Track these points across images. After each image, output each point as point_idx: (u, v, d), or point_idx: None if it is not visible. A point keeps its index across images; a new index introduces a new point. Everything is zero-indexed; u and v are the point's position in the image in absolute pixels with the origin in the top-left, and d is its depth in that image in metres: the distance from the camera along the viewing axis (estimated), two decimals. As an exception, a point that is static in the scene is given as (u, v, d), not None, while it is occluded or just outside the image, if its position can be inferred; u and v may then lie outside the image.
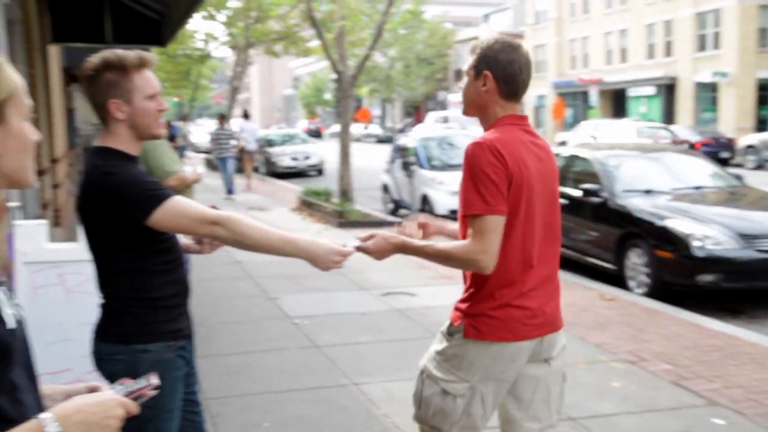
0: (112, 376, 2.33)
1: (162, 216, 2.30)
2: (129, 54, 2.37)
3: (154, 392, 1.55)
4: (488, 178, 2.39)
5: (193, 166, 5.52)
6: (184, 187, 5.18)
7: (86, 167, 2.44)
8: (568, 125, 39.30)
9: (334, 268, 2.44)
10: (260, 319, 6.78)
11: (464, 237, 2.51)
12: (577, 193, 8.80)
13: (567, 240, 8.95)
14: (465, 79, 2.60)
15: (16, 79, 1.39)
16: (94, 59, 2.37)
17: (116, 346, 2.42)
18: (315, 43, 25.37)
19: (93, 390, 1.56)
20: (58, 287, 3.74)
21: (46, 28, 9.08)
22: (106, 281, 2.45)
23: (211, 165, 22.69)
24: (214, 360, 5.59)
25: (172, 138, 18.74)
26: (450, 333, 2.60)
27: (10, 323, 1.35)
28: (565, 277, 8.43)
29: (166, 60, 28.94)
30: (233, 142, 17.44)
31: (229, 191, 16.73)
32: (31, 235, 3.70)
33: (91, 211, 2.37)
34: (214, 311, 7.02)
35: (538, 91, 48.65)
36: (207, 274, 8.55)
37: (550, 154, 2.64)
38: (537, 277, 2.55)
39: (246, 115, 20.99)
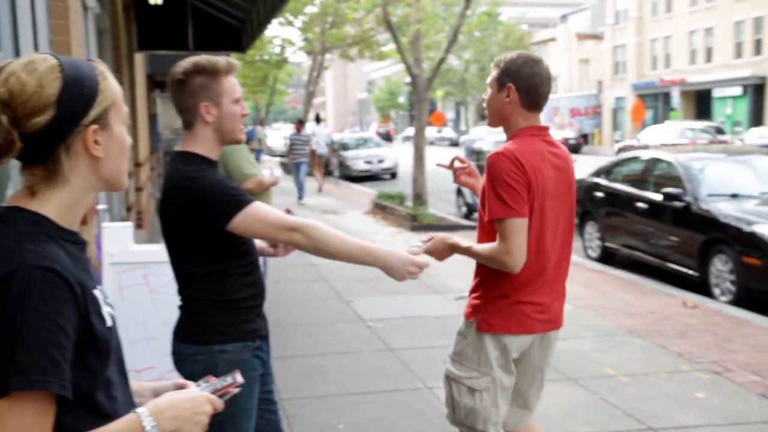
0: (190, 376, 2.35)
1: (242, 221, 2.33)
2: (219, 59, 2.43)
3: (238, 390, 1.58)
4: (509, 185, 2.60)
5: (270, 169, 5.61)
6: (262, 190, 5.28)
7: (169, 171, 2.49)
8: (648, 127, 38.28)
9: (409, 279, 2.44)
10: (334, 322, 6.84)
11: (480, 241, 2.79)
12: (657, 197, 8.56)
13: (646, 245, 8.72)
14: (489, 91, 2.79)
15: (116, 86, 1.45)
16: (186, 63, 2.42)
17: (195, 346, 2.47)
18: (390, 47, 25.50)
19: (180, 387, 1.60)
20: (143, 287, 3.86)
21: (132, 36, 9.42)
22: (185, 283, 2.50)
23: (286, 168, 23.18)
24: (289, 361, 5.67)
25: (247, 142, 19.04)
26: (465, 330, 2.84)
27: (108, 321, 1.40)
28: (645, 284, 8.21)
29: (244, 65, 29.56)
30: (308, 148, 17.64)
31: (300, 196, 17.05)
32: (118, 237, 3.83)
33: (172, 214, 2.42)
34: (288, 313, 7.12)
35: (617, 92, 47.58)
36: (282, 276, 8.68)
37: (569, 163, 2.83)
38: (548, 277, 2.76)
39: (318, 119, 21.38)
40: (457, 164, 3.17)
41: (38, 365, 1.20)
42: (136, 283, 3.85)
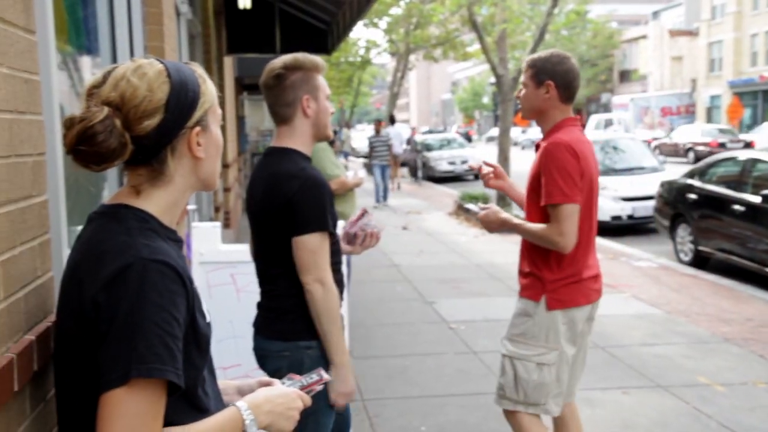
0: (276, 372, 2.42)
1: (303, 242, 2.38)
2: (313, 57, 2.49)
3: (322, 386, 1.59)
4: (567, 173, 2.86)
5: (354, 170, 5.66)
6: (345, 191, 5.32)
7: (272, 168, 2.48)
8: (745, 126, 36.71)
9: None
10: (417, 323, 6.83)
11: (531, 220, 3.04)
12: (756, 199, 8.18)
13: (743, 249, 8.34)
14: (523, 89, 3.07)
15: (213, 88, 1.49)
16: (284, 58, 2.47)
17: (281, 342, 2.49)
18: (475, 47, 25.33)
19: (265, 385, 1.62)
20: (230, 286, 3.95)
21: (222, 40, 9.66)
22: (272, 279, 2.52)
23: (370, 170, 23.35)
24: (371, 362, 5.69)
25: (332, 143, 18.91)
26: (530, 310, 3.04)
27: (208, 317, 1.44)
28: (742, 289, 7.86)
29: (329, 67, 29.93)
30: (388, 150, 17.22)
31: (384, 197, 16.79)
32: (207, 237, 3.93)
33: (268, 209, 2.45)
34: (371, 313, 7.16)
35: (712, 90, 45.80)
36: (365, 276, 8.73)
37: (594, 150, 3.09)
38: (593, 254, 3.10)
39: (392, 120, 21.67)
40: (485, 169, 3.38)
41: (156, 354, 1.24)
42: (223, 282, 3.94)
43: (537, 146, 3.10)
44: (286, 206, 2.39)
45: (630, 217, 12.08)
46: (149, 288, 1.26)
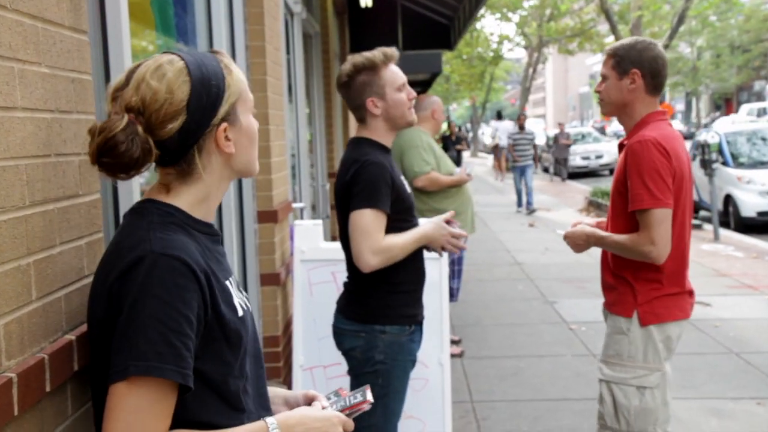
0: (351, 350, 2.63)
1: (356, 218, 2.50)
2: (375, 53, 2.54)
3: (368, 407, 1.50)
4: (657, 174, 2.55)
5: (466, 167, 5.51)
6: (441, 188, 5.17)
7: (344, 156, 2.65)
8: None
9: (448, 249, 2.69)
10: (536, 323, 6.59)
11: (613, 230, 2.74)
12: None
13: None
14: (603, 82, 2.77)
15: (242, 76, 1.43)
16: (347, 66, 2.58)
17: (358, 324, 2.61)
18: (612, 39, 24.38)
19: (310, 399, 1.56)
20: (331, 284, 3.93)
21: (345, 39, 9.77)
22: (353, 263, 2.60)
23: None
24: (485, 362, 5.54)
25: (458, 140, 18.76)
26: (622, 327, 2.71)
27: (240, 311, 1.39)
28: None
29: (460, 63, 29.78)
30: (532, 148, 15.09)
31: (528, 203, 14.38)
32: (308, 234, 3.93)
33: (344, 194, 2.58)
34: (489, 312, 6.98)
35: None
36: (486, 274, 8.56)
37: (685, 147, 2.74)
38: (686, 261, 2.73)
39: (499, 116, 21.67)
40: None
41: (157, 352, 1.20)
42: (324, 280, 3.92)
43: (620, 145, 2.80)
44: (347, 188, 2.55)
45: (778, 213, 11.16)
46: (156, 283, 1.23)
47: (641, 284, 2.68)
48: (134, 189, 2.13)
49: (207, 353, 1.30)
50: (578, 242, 2.87)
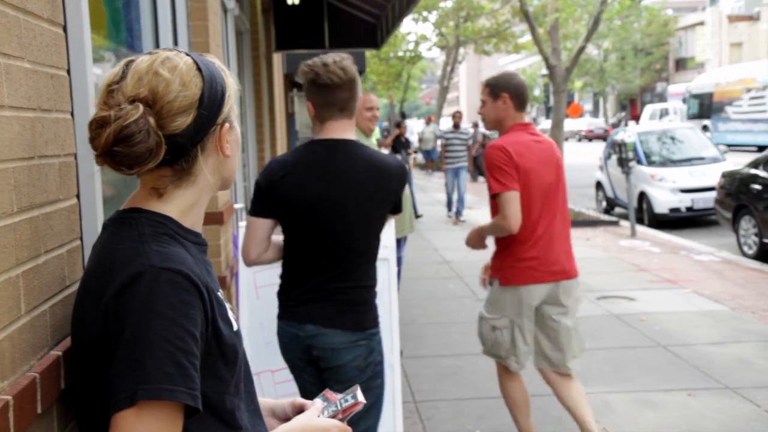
0: (352, 362, 2.62)
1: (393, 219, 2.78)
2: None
3: (360, 409, 1.46)
4: (499, 168, 3.45)
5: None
6: None
7: (374, 156, 2.66)
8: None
9: None
10: (469, 321, 6.62)
11: (492, 214, 3.62)
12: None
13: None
14: (483, 106, 3.67)
15: (234, 82, 1.38)
16: (343, 56, 2.61)
17: (356, 333, 2.60)
18: (526, 39, 24.92)
19: (299, 407, 1.50)
20: (278, 287, 3.85)
21: (271, 37, 9.62)
22: (360, 269, 2.62)
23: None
24: (424, 362, 5.56)
25: (408, 144, 16.91)
26: (491, 284, 3.74)
27: (234, 325, 1.32)
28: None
29: (378, 62, 29.86)
30: (466, 149, 13.83)
31: (458, 211, 13.34)
32: (254, 235, 3.83)
33: (367, 201, 2.65)
34: (423, 311, 7.02)
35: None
36: (416, 273, 8.60)
37: (552, 147, 3.64)
38: (545, 238, 3.55)
39: (403, 115, 21.75)
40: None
41: (166, 373, 1.12)
42: (270, 283, 3.82)
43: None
44: (393, 191, 2.61)
45: (689, 209, 11.69)
46: (159, 300, 1.15)
47: (502, 255, 3.62)
48: (97, 194, 2.01)
49: (204, 371, 1.22)
50: (474, 239, 3.79)
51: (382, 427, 3.85)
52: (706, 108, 18.76)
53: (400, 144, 15.74)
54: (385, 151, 15.16)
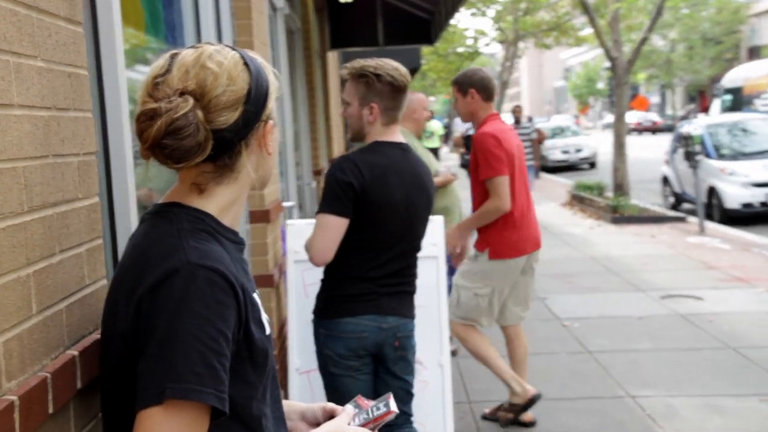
0: (413, 348, 2.96)
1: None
2: None
3: (392, 417, 1.40)
4: (492, 154, 3.80)
5: (447, 167, 5.49)
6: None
7: (413, 159, 2.81)
8: None
9: None
10: (529, 320, 6.42)
11: (475, 199, 4.03)
12: None
13: None
14: (456, 103, 4.09)
15: (275, 80, 1.34)
16: (402, 68, 2.73)
17: (413, 321, 2.91)
18: (587, 32, 24.44)
19: (329, 413, 1.45)
20: (326, 285, 3.81)
21: (325, 36, 9.64)
22: (414, 264, 2.85)
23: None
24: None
25: (448, 135, 16.41)
26: (476, 257, 4.12)
27: (267, 329, 1.28)
28: None
29: (437, 60, 29.74)
30: (532, 145, 12.37)
31: None
32: (302, 234, 3.81)
33: (430, 199, 2.88)
34: (481, 309, 6.91)
35: None
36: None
37: (515, 134, 4.16)
38: (524, 215, 4.01)
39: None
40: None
41: (196, 374, 1.09)
42: (319, 281, 3.81)
43: (468, 138, 3.90)
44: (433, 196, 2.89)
45: (763, 204, 11.21)
46: (195, 298, 1.12)
47: (490, 231, 3.99)
48: (130, 192, 2.01)
49: (232, 374, 1.18)
50: (456, 236, 4.10)
51: (430, 427, 3.79)
52: (737, 102, 18.21)
53: (469, 140, 15.36)
54: (455, 151, 13.82)
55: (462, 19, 32.61)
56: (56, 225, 1.32)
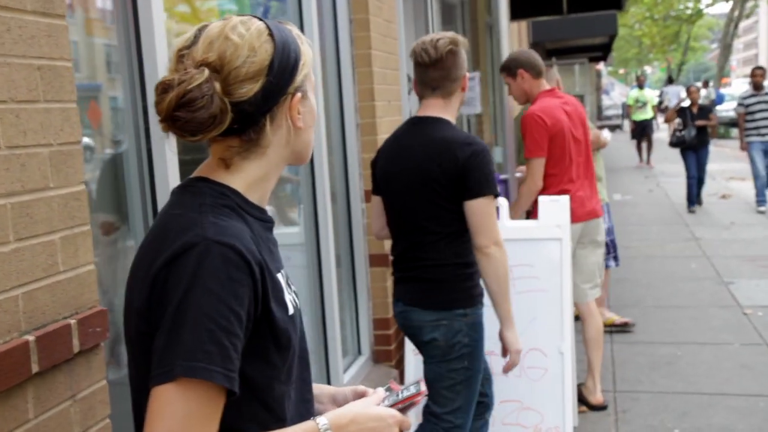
0: (432, 341, 2.58)
1: (478, 205, 2.48)
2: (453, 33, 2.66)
3: (423, 400, 1.35)
4: (529, 135, 3.84)
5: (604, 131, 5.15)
6: None
7: (434, 134, 2.56)
8: None
9: None
10: (705, 306, 5.96)
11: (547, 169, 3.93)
12: None
13: None
14: (508, 86, 4.11)
15: (311, 52, 1.31)
16: (450, 35, 2.59)
17: (438, 312, 2.56)
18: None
19: (360, 394, 1.41)
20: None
21: (497, 6, 9.35)
22: (432, 247, 2.56)
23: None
24: (636, 348, 5.09)
25: (704, 112, 11.59)
26: None
27: (290, 309, 1.26)
28: None
29: (651, 23, 27.93)
30: None
31: (763, 201, 9.95)
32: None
33: (429, 177, 2.52)
34: (652, 292, 6.43)
35: None
36: (657, 251, 7.91)
37: (577, 106, 4.07)
38: (576, 182, 3.95)
39: (670, 80, 19.15)
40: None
41: (205, 351, 1.08)
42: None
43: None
44: (458, 171, 2.48)
45: None
46: (208, 274, 1.11)
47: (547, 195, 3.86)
48: (170, 179, 2.07)
49: (252, 354, 1.17)
50: (513, 207, 3.97)
51: (549, 417, 3.59)
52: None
53: (689, 115, 10.58)
54: (667, 125, 11.43)
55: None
56: (10, 215, 1.38)
